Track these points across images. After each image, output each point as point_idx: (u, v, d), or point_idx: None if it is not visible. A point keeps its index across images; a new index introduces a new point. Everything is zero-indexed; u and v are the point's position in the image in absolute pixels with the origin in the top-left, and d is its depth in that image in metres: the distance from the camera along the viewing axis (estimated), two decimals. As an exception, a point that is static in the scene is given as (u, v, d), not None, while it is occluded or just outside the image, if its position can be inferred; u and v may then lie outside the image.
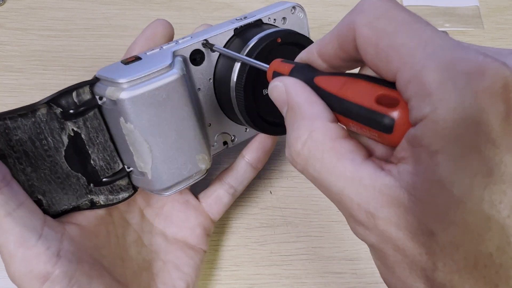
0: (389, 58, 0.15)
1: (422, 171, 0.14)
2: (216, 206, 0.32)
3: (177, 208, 0.31)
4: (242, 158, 0.33)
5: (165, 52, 0.26)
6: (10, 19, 0.42)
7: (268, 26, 0.29)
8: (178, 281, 0.29)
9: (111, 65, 0.25)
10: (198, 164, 0.27)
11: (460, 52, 0.14)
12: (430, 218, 0.14)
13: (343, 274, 0.34)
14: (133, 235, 0.29)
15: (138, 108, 0.23)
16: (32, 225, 0.22)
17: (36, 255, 0.22)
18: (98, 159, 0.25)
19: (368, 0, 0.17)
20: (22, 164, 0.23)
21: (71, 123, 0.24)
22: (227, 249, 0.35)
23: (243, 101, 0.26)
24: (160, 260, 0.30)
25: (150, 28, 0.29)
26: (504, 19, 0.46)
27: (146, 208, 0.31)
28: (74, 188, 0.25)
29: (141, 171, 0.25)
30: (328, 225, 0.35)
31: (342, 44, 0.18)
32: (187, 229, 0.31)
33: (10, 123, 0.23)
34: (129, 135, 0.24)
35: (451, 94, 0.13)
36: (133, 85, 0.23)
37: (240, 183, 0.33)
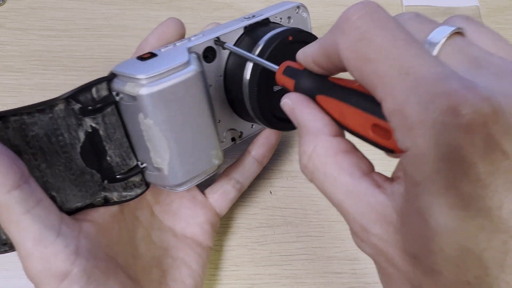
0: (373, 86, 0.16)
1: (407, 197, 0.15)
2: (222, 202, 0.33)
3: (185, 205, 0.32)
4: (248, 154, 0.33)
5: (180, 49, 0.26)
6: (10, 19, 0.42)
7: (276, 25, 0.29)
8: (188, 278, 0.29)
9: (127, 61, 0.25)
10: (212, 160, 0.27)
11: (441, 84, 0.14)
12: (412, 243, 0.15)
13: (343, 274, 0.34)
14: (143, 232, 0.30)
15: (158, 104, 0.24)
16: (50, 222, 0.22)
17: (55, 253, 0.21)
18: (115, 155, 0.25)
19: (348, 19, 0.16)
20: (37, 160, 0.23)
21: (90, 119, 0.24)
22: (227, 249, 0.35)
23: (256, 98, 0.27)
24: (169, 257, 0.30)
25: (162, 26, 0.29)
26: (504, 19, 0.46)
27: (155, 205, 0.31)
28: (88, 185, 0.25)
29: (157, 167, 0.25)
30: (328, 225, 0.35)
31: (330, 59, 0.18)
32: (195, 225, 0.31)
33: (27, 119, 0.22)
34: (147, 131, 0.24)
35: (429, 131, 0.14)
36: (153, 81, 0.23)
37: (246, 178, 0.33)
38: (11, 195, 0.20)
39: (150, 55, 0.25)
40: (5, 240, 0.23)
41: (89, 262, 0.23)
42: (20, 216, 0.21)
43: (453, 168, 0.13)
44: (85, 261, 0.22)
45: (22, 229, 0.21)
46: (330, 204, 0.19)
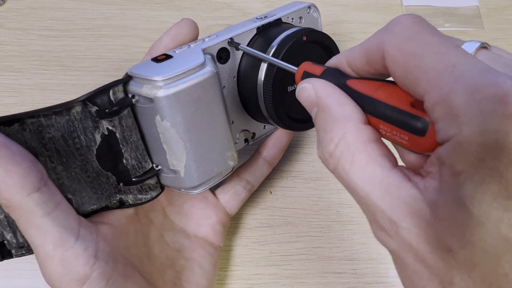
0: (417, 80, 0.16)
1: (445, 189, 0.15)
2: (233, 202, 0.33)
3: (197, 206, 0.32)
4: (259, 155, 0.34)
5: (195, 50, 0.26)
6: (10, 19, 0.42)
7: (288, 25, 0.29)
8: (201, 278, 0.30)
9: (142, 63, 0.25)
10: (227, 161, 0.27)
11: (488, 76, 0.14)
12: (449, 235, 0.14)
13: (343, 274, 0.34)
14: (156, 233, 0.30)
15: (175, 105, 0.24)
16: (70, 225, 0.22)
17: (75, 257, 0.21)
18: (131, 158, 0.25)
19: (399, 21, 0.17)
20: (53, 162, 0.23)
21: (106, 121, 0.23)
22: (227, 249, 0.35)
23: (271, 99, 0.27)
24: (182, 258, 0.30)
25: (177, 27, 0.28)
26: (504, 19, 0.46)
27: (168, 206, 0.31)
28: (104, 187, 0.25)
29: (173, 169, 0.25)
30: (328, 225, 0.35)
31: (370, 61, 0.18)
32: (207, 226, 0.31)
33: (44, 121, 0.22)
34: (164, 133, 0.24)
35: (476, 118, 0.14)
36: (170, 83, 0.23)
37: (256, 179, 0.34)
38: (32, 198, 0.20)
39: (165, 57, 0.25)
40: (22, 243, 0.23)
41: (108, 265, 0.23)
42: (40, 219, 0.21)
43: (499, 156, 0.13)
44: (104, 264, 0.22)
45: (42, 232, 0.21)
46: (330, 204, 0.19)
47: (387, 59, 0.17)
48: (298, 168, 0.38)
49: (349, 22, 0.44)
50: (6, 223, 0.22)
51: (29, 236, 0.21)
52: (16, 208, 0.20)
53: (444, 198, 0.15)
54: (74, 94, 0.41)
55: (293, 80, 0.22)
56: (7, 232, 0.23)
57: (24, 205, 0.20)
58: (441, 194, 0.15)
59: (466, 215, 0.14)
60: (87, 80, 0.40)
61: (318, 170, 0.38)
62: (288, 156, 0.38)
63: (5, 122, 0.21)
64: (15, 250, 0.23)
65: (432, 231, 0.15)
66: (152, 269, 0.28)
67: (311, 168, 0.38)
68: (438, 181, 0.15)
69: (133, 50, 0.42)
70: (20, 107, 0.38)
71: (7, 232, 0.23)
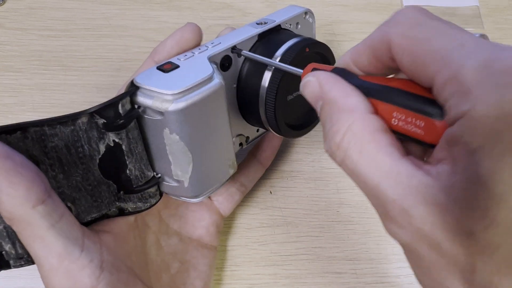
0: (426, 63, 0.16)
1: (461, 169, 0.14)
2: (227, 204, 0.33)
3: (191, 208, 0.32)
4: (253, 157, 0.34)
5: (201, 58, 0.25)
6: (10, 19, 0.42)
7: (287, 32, 0.30)
8: (197, 280, 0.30)
9: (147, 72, 0.25)
10: (228, 170, 0.27)
11: (497, 51, 0.14)
12: (469, 217, 0.14)
13: (343, 274, 0.34)
14: (153, 237, 0.30)
15: (185, 119, 0.23)
16: (74, 237, 0.21)
17: (80, 268, 0.21)
18: (135, 168, 0.24)
19: (402, 12, 0.17)
20: (54, 171, 0.22)
21: (113, 134, 0.23)
22: (227, 249, 0.35)
23: (273, 106, 0.27)
24: (177, 261, 0.30)
25: (181, 31, 0.28)
26: (504, 19, 0.46)
27: (163, 209, 0.31)
28: (104, 195, 0.25)
29: (177, 179, 0.25)
30: (328, 225, 0.35)
31: (376, 54, 0.18)
32: (201, 228, 0.31)
33: (48, 130, 0.22)
34: (172, 145, 0.24)
35: (490, 91, 0.13)
36: (181, 97, 0.23)
37: (250, 181, 0.34)
38: (36, 210, 0.19)
39: (171, 66, 0.25)
40: (21, 254, 0.23)
41: (113, 275, 0.22)
42: (44, 232, 0.20)
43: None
44: (109, 275, 0.22)
45: (47, 244, 0.20)
46: (330, 204, 0.19)
47: (394, 49, 0.17)
48: (298, 168, 0.38)
49: (349, 22, 0.44)
50: (5, 234, 0.22)
51: (32, 248, 0.20)
52: (19, 220, 0.20)
53: (460, 179, 0.14)
54: (74, 94, 0.41)
55: (293, 89, 0.22)
56: (5, 243, 0.22)
57: (29, 218, 0.19)
58: (457, 175, 0.14)
59: (487, 193, 0.13)
60: (87, 80, 0.40)
61: (318, 170, 0.38)
62: (288, 156, 0.38)
63: (8, 131, 0.20)
64: (14, 260, 0.23)
65: (449, 216, 0.14)
66: (149, 274, 0.28)
67: (311, 168, 0.38)
68: (452, 164, 0.15)
69: (133, 50, 0.42)
70: (20, 107, 0.38)
71: (5, 243, 0.22)
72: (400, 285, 0.34)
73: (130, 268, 0.25)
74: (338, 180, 0.37)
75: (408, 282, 0.33)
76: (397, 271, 0.34)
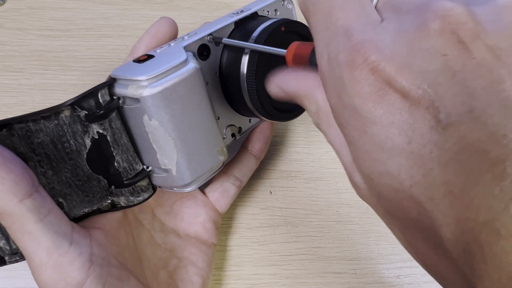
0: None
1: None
2: (223, 199, 0.33)
3: (186, 205, 0.32)
4: (245, 150, 0.34)
5: (175, 48, 0.26)
6: (10, 19, 0.42)
7: (264, 18, 0.30)
8: (195, 276, 0.30)
9: (124, 65, 0.25)
10: (218, 156, 0.27)
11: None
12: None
13: (343, 274, 0.34)
14: (147, 235, 0.30)
15: (162, 104, 0.24)
16: (63, 231, 0.21)
17: (70, 262, 0.21)
18: (122, 160, 0.25)
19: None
20: (43, 167, 0.23)
21: (97, 125, 0.23)
22: (227, 249, 0.35)
23: (255, 90, 0.27)
24: (175, 258, 0.30)
25: (155, 26, 0.29)
26: (504, 19, 0.46)
27: (157, 207, 0.31)
28: (95, 190, 0.25)
29: (165, 168, 0.25)
30: (328, 225, 0.35)
31: None
32: (198, 224, 0.31)
33: (32, 126, 0.22)
34: (153, 132, 0.24)
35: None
36: (155, 82, 0.23)
37: (244, 174, 0.33)
38: (24, 204, 0.20)
39: (146, 57, 0.25)
40: (15, 249, 0.23)
41: (103, 269, 0.22)
42: (32, 226, 0.20)
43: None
44: (99, 268, 0.22)
45: (35, 238, 0.20)
46: (330, 204, 0.19)
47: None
48: (298, 168, 0.38)
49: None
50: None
51: (22, 243, 0.21)
52: (7, 215, 0.20)
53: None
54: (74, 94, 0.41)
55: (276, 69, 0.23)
56: (0, 239, 0.22)
57: (16, 212, 0.20)
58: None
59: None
60: (87, 80, 0.40)
61: (318, 170, 0.38)
62: (288, 156, 0.38)
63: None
64: (9, 256, 0.23)
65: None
66: (146, 271, 0.28)
67: (311, 168, 0.38)
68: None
69: (133, 50, 0.42)
70: (20, 107, 0.38)
71: (0, 239, 0.22)
72: (400, 285, 0.34)
73: (123, 263, 0.25)
74: (338, 180, 0.37)
75: (408, 282, 0.33)
76: (397, 271, 0.34)
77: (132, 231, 0.28)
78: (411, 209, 0.14)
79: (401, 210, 0.15)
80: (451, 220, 0.13)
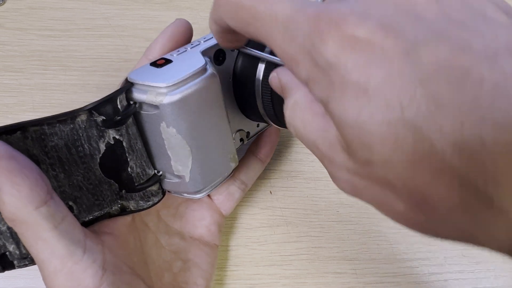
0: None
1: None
2: (228, 202, 0.33)
3: (191, 208, 0.32)
4: (252, 154, 0.34)
5: (193, 53, 0.25)
6: (10, 19, 0.42)
7: None
8: (199, 278, 0.30)
9: (141, 68, 0.25)
10: (230, 163, 0.27)
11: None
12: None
13: (343, 274, 0.34)
14: (152, 237, 0.30)
15: (181, 111, 0.23)
16: (76, 238, 0.21)
17: (83, 270, 0.21)
18: (136, 166, 0.24)
19: None
20: (55, 170, 0.22)
21: (113, 131, 0.23)
22: (227, 249, 0.35)
23: (270, 97, 0.27)
24: (179, 260, 0.30)
25: (171, 28, 0.28)
26: (504, 19, 0.46)
27: (162, 209, 0.31)
28: (105, 194, 0.25)
29: (178, 175, 0.25)
30: (328, 225, 0.35)
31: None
32: (203, 227, 0.31)
33: (47, 129, 0.22)
34: (169, 139, 0.24)
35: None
36: (175, 89, 0.23)
37: (250, 178, 0.34)
38: (39, 211, 0.19)
39: (164, 61, 0.25)
40: (25, 254, 0.23)
41: (115, 276, 0.22)
42: (47, 233, 0.20)
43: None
44: (112, 275, 0.22)
45: (49, 246, 0.20)
46: (330, 204, 0.19)
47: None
48: (298, 168, 0.38)
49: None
50: (9, 235, 0.22)
51: (35, 250, 0.20)
52: (22, 222, 0.20)
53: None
54: (74, 94, 0.41)
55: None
56: (9, 244, 0.22)
57: (31, 219, 0.19)
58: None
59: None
60: (87, 80, 0.40)
61: (318, 170, 0.38)
62: (288, 156, 0.38)
63: (8, 131, 0.20)
64: (18, 261, 0.23)
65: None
66: (151, 273, 0.28)
67: (311, 168, 0.38)
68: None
69: (133, 50, 0.42)
70: (20, 107, 0.38)
71: (9, 243, 0.22)
72: (400, 285, 0.34)
73: (131, 268, 0.25)
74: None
75: (408, 281, 0.33)
76: (397, 271, 0.34)
77: (139, 234, 0.28)
78: (407, 138, 0.14)
79: (396, 145, 0.14)
80: (449, 131, 0.13)
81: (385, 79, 0.14)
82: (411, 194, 0.15)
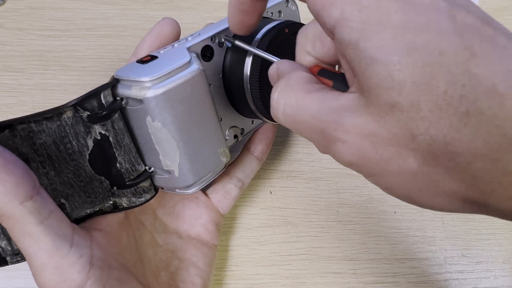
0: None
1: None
2: (225, 201, 0.33)
3: (188, 206, 0.32)
4: (248, 151, 0.33)
5: (179, 49, 0.26)
6: (10, 19, 0.42)
7: (268, 19, 0.30)
8: (196, 277, 0.30)
9: (127, 66, 0.25)
10: (220, 158, 0.27)
11: None
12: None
13: (343, 274, 0.34)
14: (148, 236, 0.30)
15: (165, 105, 0.23)
16: (63, 233, 0.21)
17: (70, 264, 0.21)
18: (124, 161, 0.25)
19: None
20: (45, 168, 0.23)
21: (99, 126, 0.23)
22: (227, 249, 0.35)
23: (258, 92, 0.27)
24: (176, 259, 0.30)
25: (158, 27, 0.29)
26: (504, 19, 0.46)
27: (158, 208, 0.31)
28: (97, 191, 0.25)
29: (167, 170, 0.25)
30: (328, 225, 0.35)
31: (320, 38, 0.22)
32: (200, 226, 0.31)
33: (34, 126, 0.22)
34: (156, 133, 0.24)
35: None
36: (158, 83, 0.23)
37: (247, 176, 0.33)
38: (25, 206, 0.20)
39: (150, 58, 0.25)
40: (17, 250, 0.23)
41: (103, 271, 0.23)
42: (33, 228, 0.20)
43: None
44: (99, 270, 0.22)
45: (36, 240, 0.20)
46: (330, 204, 0.19)
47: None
48: (298, 168, 0.38)
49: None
50: (0, 231, 0.22)
51: (22, 245, 0.21)
52: (8, 217, 0.20)
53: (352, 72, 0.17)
54: (74, 94, 0.41)
55: None
56: (1, 240, 0.22)
57: (17, 214, 0.20)
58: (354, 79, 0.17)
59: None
60: (87, 80, 0.40)
61: (318, 170, 0.38)
62: (288, 156, 0.38)
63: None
64: (10, 257, 0.23)
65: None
66: (146, 272, 0.28)
67: (311, 168, 0.38)
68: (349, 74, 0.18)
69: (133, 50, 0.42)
70: (20, 107, 0.38)
71: (1, 239, 0.22)
72: (400, 285, 0.34)
73: (123, 265, 0.25)
74: (338, 180, 0.37)
75: (408, 281, 0.33)
76: (397, 271, 0.34)
77: (133, 232, 0.28)
78: (440, 82, 0.15)
79: (428, 87, 0.15)
80: (482, 78, 0.15)
81: (425, 25, 0.15)
82: (432, 144, 0.15)
